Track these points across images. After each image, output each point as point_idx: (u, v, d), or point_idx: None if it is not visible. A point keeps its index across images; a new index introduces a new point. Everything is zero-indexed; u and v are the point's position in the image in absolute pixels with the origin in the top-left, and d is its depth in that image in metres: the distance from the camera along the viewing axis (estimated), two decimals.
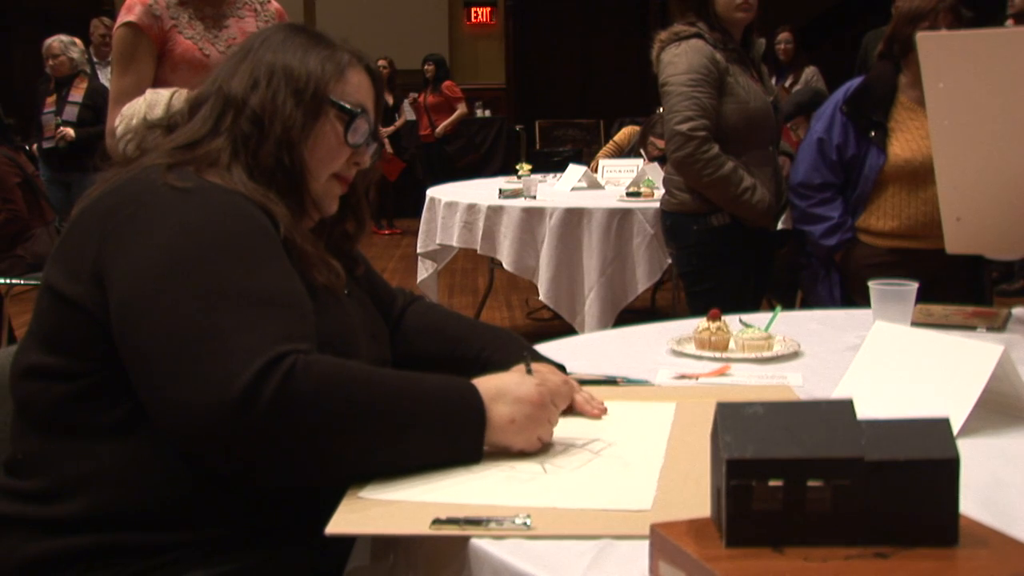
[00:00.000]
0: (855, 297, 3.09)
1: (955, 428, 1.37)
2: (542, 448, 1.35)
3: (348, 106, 1.49)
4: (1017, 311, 2.19)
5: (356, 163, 1.54)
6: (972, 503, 1.09)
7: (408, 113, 10.86)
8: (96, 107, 6.59)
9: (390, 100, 10.15)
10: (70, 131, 6.62)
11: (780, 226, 3.56)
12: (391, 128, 10.28)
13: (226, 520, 1.31)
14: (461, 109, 10.66)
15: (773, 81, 4.55)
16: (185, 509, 1.30)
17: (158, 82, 2.81)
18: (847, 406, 1.01)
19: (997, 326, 2.09)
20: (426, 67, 10.62)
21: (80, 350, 1.32)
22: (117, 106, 2.58)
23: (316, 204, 1.51)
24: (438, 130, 10.49)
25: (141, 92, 2.21)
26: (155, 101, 2.01)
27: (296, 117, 1.45)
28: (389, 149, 9.88)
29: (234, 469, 1.23)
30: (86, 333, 1.31)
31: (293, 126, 1.45)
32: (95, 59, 7.75)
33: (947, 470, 0.97)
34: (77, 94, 6.77)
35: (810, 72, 7.08)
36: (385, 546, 1.29)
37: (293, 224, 1.42)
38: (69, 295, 1.32)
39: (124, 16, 2.85)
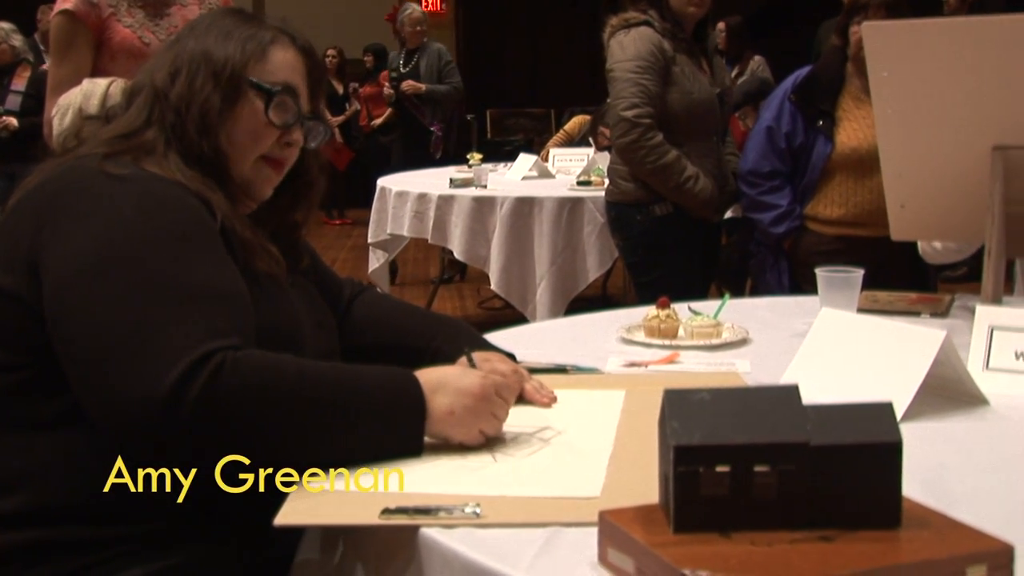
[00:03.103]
0: (804, 284, 3.12)
1: (899, 412, 1.39)
2: (488, 439, 1.35)
3: (267, 85, 1.46)
4: (960, 297, 2.23)
5: (288, 143, 1.51)
6: (915, 486, 1.10)
7: (358, 103, 10.76)
8: (40, 96, 6.42)
9: (340, 88, 10.05)
10: (13, 120, 6.50)
11: (729, 214, 3.59)
12: (341, 117, 10.19)
13: (167, 514, 1.30)
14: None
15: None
16: (125, 504, 1.29)
17: (97, 71, 2.75)
18: (793, 392, 1.02)
19: (940, 312, 2.12)
20: (365, 58, 10.50)
21: (16, 342, 1.30)
22: (54, 96, 2.53)
23: (245, 189, 1.48)
24: (374, 122, 10.40)
25: (79, 82, 2.17)
26: (92, 91, 1.98)
27: (213, 101, 1.43)
28: (339, 139, 9.79)
29: (168, 465, 1.23)
30: (22, 325, 1.29)
31: (210, 110, 1.43)
32: (42, 47, 7.61)
33: (890, 454, 0.99)
34: (20, 83, 6.65)
35: (756, 62, 7.12)
36: (334, 537, 1.29)
37: (232, 212, 1.40)
38: (4, 286, 1.31)
39: (61, 3, 2.80)
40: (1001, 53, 1.89)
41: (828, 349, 1.63)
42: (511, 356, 1.63)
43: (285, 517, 1.14)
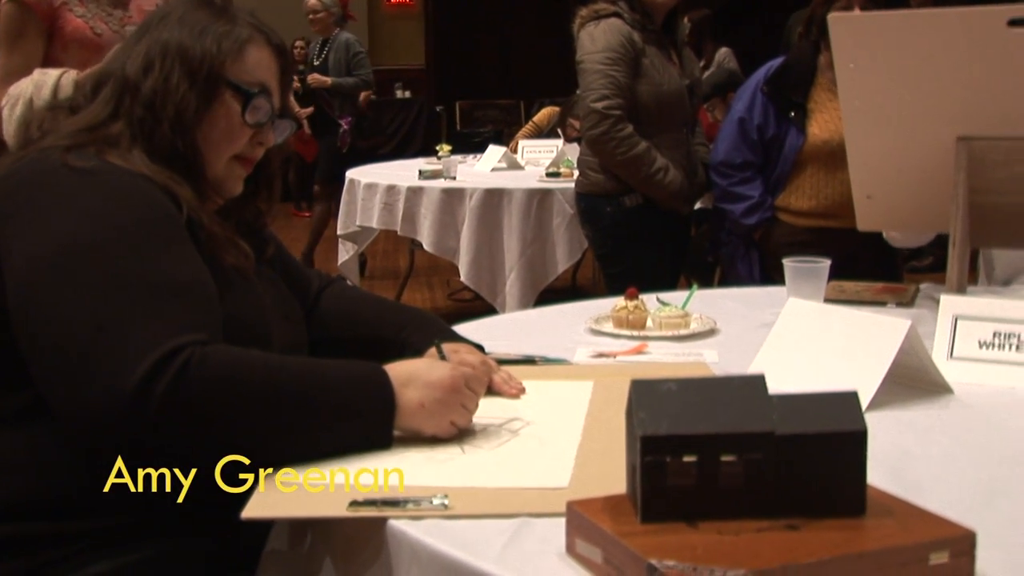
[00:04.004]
0: (774, 275, 3.12)
1: (864, 401, 1.40)
2: (458, 431, 1.35)
3: (244, 86, 1.45)
4: (925, 287, 2.25)
5: (259, 143, 1.50)
6: (880, 474, 1.11)
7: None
8: None
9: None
10: None
11: (699, 205, 3.60)
12: (309, 109, 10.13)
13: (132, 509, 1.28)
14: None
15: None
16: (90, 498, 1.28)
17: (48, 61, 2.71)
18: (759, 382, 1.02)
19: (906, 302, 2.14)
20: None
21: None
22: (4, 86, 2.50)
23: (216, 188, 1.48)
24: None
25: (30, 72, 2.15)
26: (43, 82, 1.96)
27: (189, 100, 1.41)
28: (308, 131, 9.74)
29: (136, 462, 1.22)
30: None
31: (186, 109, 1.41)
32: None
33: (855, 442, 0.99)
34: None
35: (723, 54, 7.14)
36: (302, 529, 1.28)
37: (198, 205, 1.39)
38: None
39: None
40: (965, 45, 1.91)
41: (795, 339, 1.64)
42: (479, 347, 1.63)
43: (253, 510, 1.14)
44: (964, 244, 2.00)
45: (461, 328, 1.81)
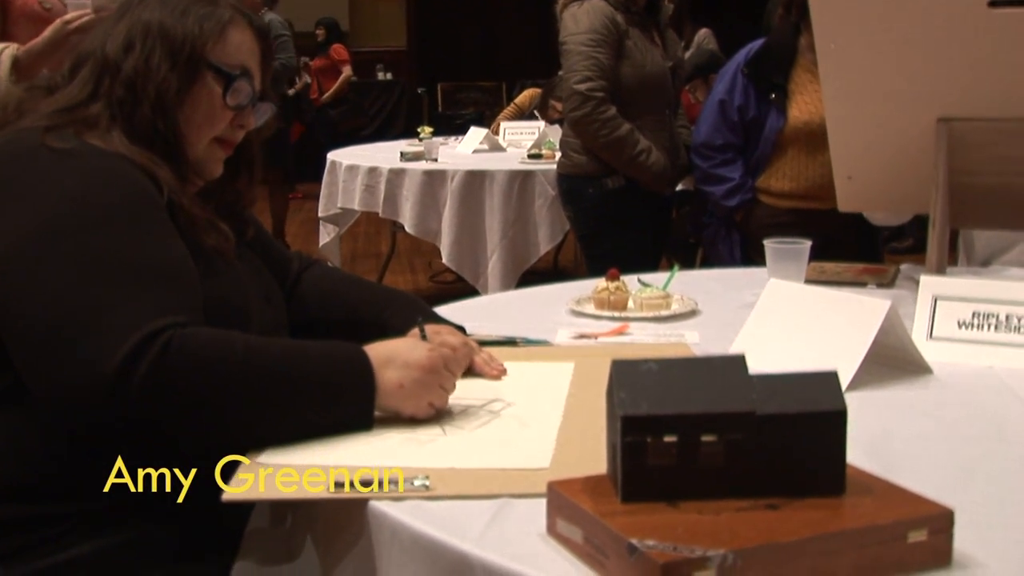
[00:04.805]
0: (755, 256, 3.14)
1: (845, 381, 1.41)
2: (438, 412, 1.35)
3: (226, 68, 1.44)
4: (905, 267, 2.25)
5: (240, 125, 1.49)
6: (860, 454, 1.12)
7: (308, 77, 10.67)
8: None
9: None
10: None
11: (680, 187, 3.60)
12: (290, 91, 10.09)
13: (113, 491, 1.28)
14: (346, 72, 10.46)
15: None
16: (71, 481, 1.27)
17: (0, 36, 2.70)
18: (739, 362, 1.02)
19: (886, 282, 2.14)
20: (317, 31, 10.40)
21: None
22: None
23: (197, 169, 1.47)
24: (324, 96, 10.30)
25: None
26: None
27: (171, 81, 1.40)
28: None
29: (118, 445, 1.21)
30: None
31: (167, 90, 1.40)
32: None
33: (835, 422, 1.00)
34: None
35: (702, 35, 7.14)
36: (283, 510, 1.28)
37: (178, 187, 1.38)
38: None
39: None
40: (946, 26, 1.91)
41: (775, 320, 1.65)
42: (461, 329, 1.63)
43: (234, 492, 1.14)
44: (944, 225, 2.00)
45: (443, 310, 1.81)
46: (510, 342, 1.73)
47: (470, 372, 1.52)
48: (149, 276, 1.25)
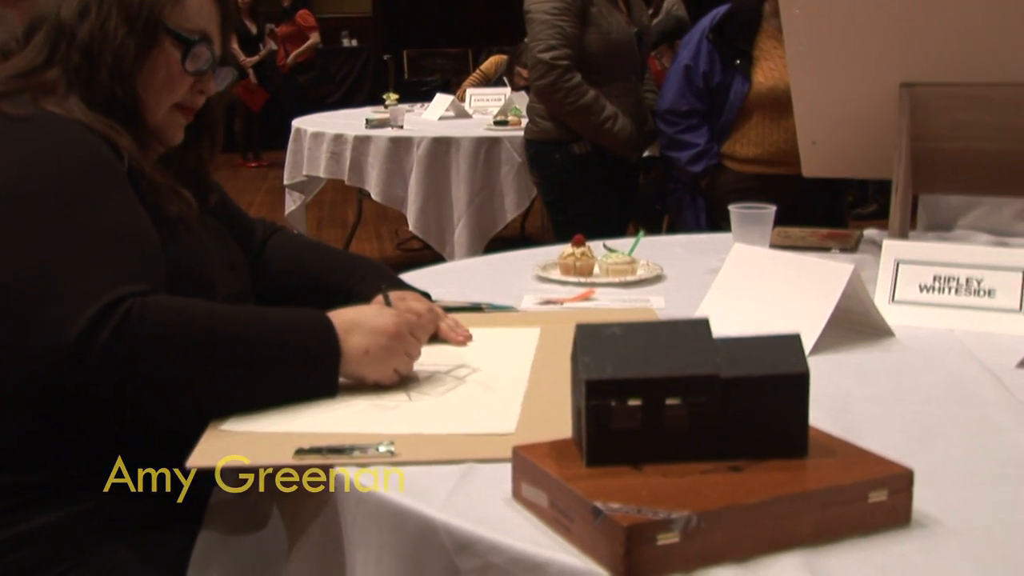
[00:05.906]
0: (720, 222, 3.14)
1: (808, 345, 1.42)
2: (403, 378, 1.35)
3: (184, 34, 1.42)
4: (869, 232, 2.27)
5: (200, 91, 1.47)
6: (823, 417, 1.13)
7: (274, 44, 10.58)
8: None
9: (253, 29, 9.85)
10: None
11: (647, 153, 3.60)
12: (255, 58, 10.00)
13: (78, 460, 1.27)
14: (313, 39, 10.38)
15: None
16: (35, 449, 1.26)
17: None
18: (703, 325, 1.03)
19: (850, 247, 2.16)
20: None
21: None
22: None
23: (157, 136, 1.45)
24: (288, 60, 10.21)
25: None
26: None
27: (128, 46, 1.37)
28: (253, 80, 9.62)
29: (79, 414, 1.21)
30: None
31: (125, 56, 1.37)
32: None
33: (798, 384, 1.00)
34: None
35: (671, 1, 7.12)
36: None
37: (139, 154, 1.36)
38: None
39: None
40: None
41: (740, 284, 1.66)
42: (427, 295, 1.63)
43: (198, 459, 1.13)
44: (907, 190, 2.02)
45: (409, 276, 1.80)
46: (476, 308, 1.72)
47: (435, 338, 1.52)
48: (109, 244, 1.23)
